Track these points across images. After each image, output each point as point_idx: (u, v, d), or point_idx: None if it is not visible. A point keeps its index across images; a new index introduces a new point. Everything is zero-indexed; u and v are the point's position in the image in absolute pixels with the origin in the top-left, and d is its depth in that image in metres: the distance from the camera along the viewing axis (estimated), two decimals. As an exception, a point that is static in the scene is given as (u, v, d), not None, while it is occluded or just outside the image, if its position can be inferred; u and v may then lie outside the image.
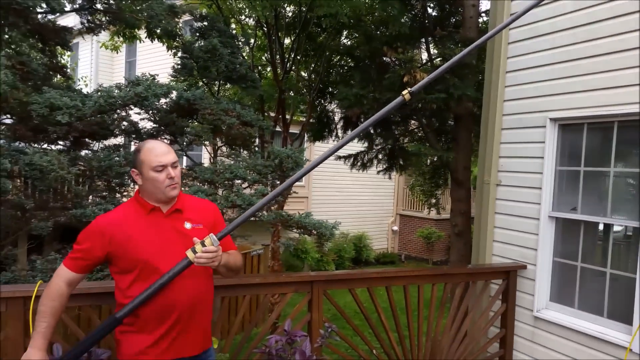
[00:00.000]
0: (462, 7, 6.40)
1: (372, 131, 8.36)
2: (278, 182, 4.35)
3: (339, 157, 8.45)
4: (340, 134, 8.86)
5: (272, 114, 8.10)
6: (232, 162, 4.59)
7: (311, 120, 8.35)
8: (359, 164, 8.26)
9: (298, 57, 8.30)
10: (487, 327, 4.09)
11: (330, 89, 8.49)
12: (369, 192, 15.84)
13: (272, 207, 5.59)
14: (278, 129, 7.85)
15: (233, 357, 2.98)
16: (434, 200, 10.02)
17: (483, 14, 7.19)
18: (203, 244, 1.88)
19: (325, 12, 4.95)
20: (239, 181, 4.34)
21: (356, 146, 8.79)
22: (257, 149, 5.98)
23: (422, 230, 15.52)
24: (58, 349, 2.43)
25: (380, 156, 8.40)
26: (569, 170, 3.92)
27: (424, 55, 7.61)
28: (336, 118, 8.81)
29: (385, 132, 8.02)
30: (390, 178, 8.95)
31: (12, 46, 5.34)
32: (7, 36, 5.05)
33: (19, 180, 5.11)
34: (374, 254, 15.27)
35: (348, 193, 15.30)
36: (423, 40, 6.52)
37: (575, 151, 3.87)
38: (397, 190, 16.71)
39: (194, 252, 1.87)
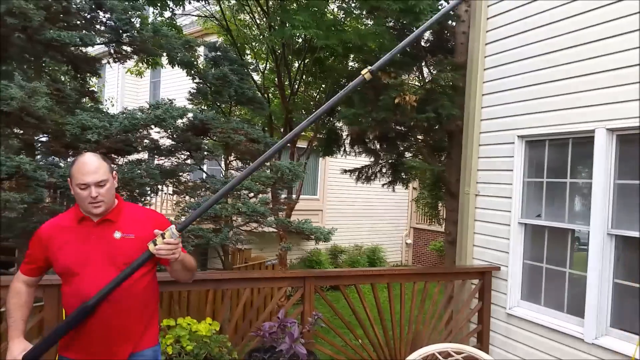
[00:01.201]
0: (454, 35, 6.95)
1: (377, 146, 8.92)
2: (280, 191, 4.91)
3: (345, 171, 8.98)
4: (347, 149, 9.42)
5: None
6: (240, 175, 5.19)
7: (320, 136, 8.94)
8: (363, 177, 8.78)
9: (309, 79, 8.93)
10: (464, 322, 4.55)
11: (338, 108, 9.08)
12: (384, 206, 16.23)
13: (280, 214, 6.16)
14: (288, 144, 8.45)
15: (231, 339, 3.52)
16: (434, 212, 10.45)
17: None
18: (163, 236, 1.94)
19: (322, 43, 5.56)
20: (246, 191, 4.93)
21: (363, 160, 9.34)
22: (267, 163, 6.58)
23: (434, 243, 15.85)
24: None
25: (384, 170, 8.90)
26: (534, 181, 4.40)
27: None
28: (344, 134, 9.39)
29: (389, 147, 8.54)
30: (394, 191, 9.44)
31: (49, 72, 6.08)
32: (44, 64, 5.78)
33: (52, 191, 5.77)
34: (388, 266, 15.65)
35: (363, 206, 15.70)
36: (419, 64, 7.04)
37: (539, 164, 4.36)
38: (411, 204, 17.11)
39: (155, 244, 1.94)
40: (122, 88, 16.72)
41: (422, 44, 7.82)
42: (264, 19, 7.38)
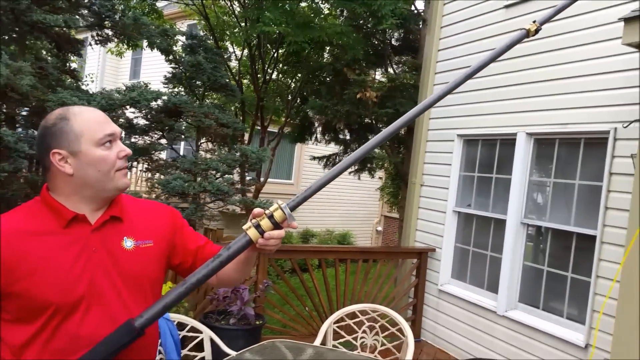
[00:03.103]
0: (420, 37, 7.47)
1: (347, 136, 9.45)
2: (246, 173, 5.38)
3: (314, 158, 9.50)
4: (319, 137, 9.92)
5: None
6: (210, 156, 5.66)
7: (292, 122, 9.44)
8: (330, 164, 9.30)
9: (285, 68, 9.37)
10: (402, 295, 5.14)
11: (314, 97, 9.57)
12: (357, 194, 16.77)
13: (247, 195, 6.66)
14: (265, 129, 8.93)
15: (189, 301, 4.03)
16: (396, 201, 11.06)
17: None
18: (272, 219, 1.17)
19: (291, 40, 6.02)
20: (214, 171, 5.39)
21: (334, 149, 9.88)
22: (234, 145, 7.03)
23: (401, 231, 16.51)
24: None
25: (351, 159, 9.44)
26: (468, 175, 4.98)
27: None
28: (317, 123, 9.88)
29: (358, 137, 9.09)
30: (359, 179, 9.99)
31: (33, 50, 6.40)
32: (28, 43, 6.09)
33: (34, 162, 6.14)
34: (350, 249, 16.28)
35: (336, 193, 16.23)
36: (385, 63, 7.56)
37: (473, 160, 4.93)
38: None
39: (259, 230, 1.17)
40: (102, 65, 16.84)
41: (393, 42, 8.34)
42: (241, 10, 7.76)
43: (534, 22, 1.57)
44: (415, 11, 7.67)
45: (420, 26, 7.62)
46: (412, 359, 2.66)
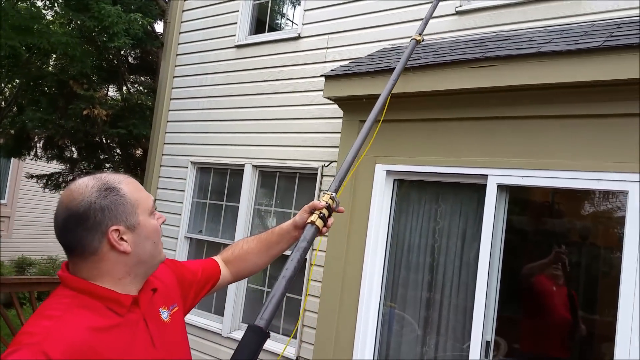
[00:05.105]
0: (158, 59, 7.38)
1: (75, 154, 8.55)
2: None
3: (32, 176, 8.31)
4: (39, 153, 8.71)
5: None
6: None
7: (5, 132, 8.06)
8: (52, 184, 8.27)
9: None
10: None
11: (34, 108, 8.36)
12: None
13: None
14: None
15: None
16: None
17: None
18: (329, 209, 1.34)
19: (2, 42, 5.19)
20: None
21: (55, 167, 8.80)
22: None
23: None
24: None
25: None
26: (201, 202, 5.11)
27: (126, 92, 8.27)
28: (37, 137, 8.64)
29: (88, 156, 8.31)
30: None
31: None
32: None
33: None
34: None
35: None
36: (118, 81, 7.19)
37: (206, 187, 5.09)
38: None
39: (325, 217, 1.31)
40: None
41: (130, 60, 8.01)
42: None
43: (420, 35, 2.32)
44: (154, 34, 7.57)
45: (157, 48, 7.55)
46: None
